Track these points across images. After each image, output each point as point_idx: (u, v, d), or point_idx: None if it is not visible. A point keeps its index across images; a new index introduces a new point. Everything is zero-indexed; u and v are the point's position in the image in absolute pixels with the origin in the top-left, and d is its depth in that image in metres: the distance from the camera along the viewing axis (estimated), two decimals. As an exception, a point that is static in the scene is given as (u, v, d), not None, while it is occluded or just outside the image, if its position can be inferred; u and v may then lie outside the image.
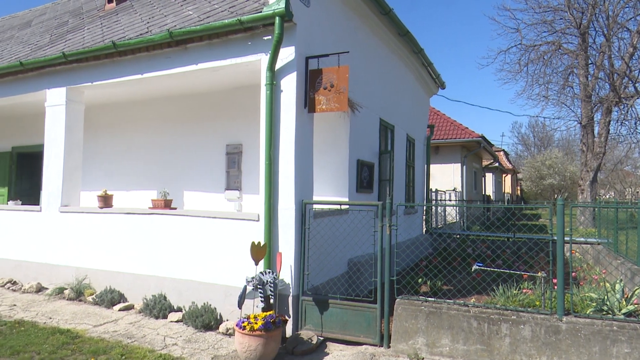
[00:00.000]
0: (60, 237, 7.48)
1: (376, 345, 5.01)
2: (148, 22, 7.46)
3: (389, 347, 4.96)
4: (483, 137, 19.74)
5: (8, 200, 10.49)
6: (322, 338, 5.23)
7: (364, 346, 5.03)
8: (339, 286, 6.00)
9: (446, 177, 19.67)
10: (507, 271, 5.63)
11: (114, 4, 10.05)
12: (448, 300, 4.93)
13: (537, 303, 4.90)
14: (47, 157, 7.77)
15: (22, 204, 8.71)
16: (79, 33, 8.76)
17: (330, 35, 6.60)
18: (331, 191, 7.10)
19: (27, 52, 8.89)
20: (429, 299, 5.00)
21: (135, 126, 9.43)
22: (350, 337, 5.15)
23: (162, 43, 6.37)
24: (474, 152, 20.94)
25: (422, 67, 11.21)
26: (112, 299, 6.52)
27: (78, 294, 6.87)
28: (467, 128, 19.80)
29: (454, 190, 18.63)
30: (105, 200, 7.16)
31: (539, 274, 4.74)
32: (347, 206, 6.46)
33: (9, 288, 7.59)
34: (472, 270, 5.74)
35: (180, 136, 8.88)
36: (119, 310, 6.33)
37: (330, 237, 5.93)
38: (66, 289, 7.03)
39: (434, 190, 15.08)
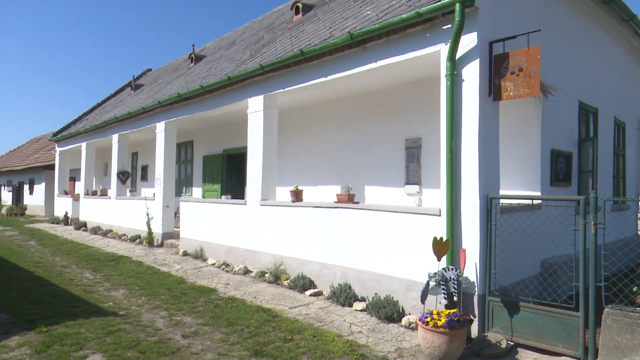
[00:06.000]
0: (260, 227, 8.52)
1: (578, 359, 4.42)
2: (330, 27, 7.94)
3: (595, 362, 4.33)
4: None
5: (221, 195, 12.39)
6: (511, 343, 4.85)
7: (562, 357, 4.50)
8: (531, 288, 5.47)
9: (670, 167, 16.18)
10: None
11: (300, 16, 10.99)
12: (677, 316, 4.06)
13: None
14: (249, 157, 8.92)
15: (231, 198, 10.17)
16: (272, 46, 9.83)
17: (518, 15, 6.04)
18: (520, 185, 6.52)
19: (232, 67, 10.34)
20: (650, 312, 4.19)
21: (319, 126, 10.15)
22: (545, 346, 4.66)
23: (344, 45, 6.70)
24: None
25: (634, 36, 9.45)
26: (303, 284, 7.15)
27: (275, 278, 7.72)
28: (700, 105, 15.94)
29: (681, 182, 15.22)
30: (297, 195, 7.89)
31: None
32: (540, 201, 5.85)
33: (223, 269, 8.98)
34: None
35: (360, 133, 9.24)
36: (310, 295, 6.90)
37: (520, 235, 5.44)
38: (266, 273, 7.98)
39: (652, 182, 12.58)
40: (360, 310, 6.11)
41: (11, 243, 13.06)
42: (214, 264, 9.36)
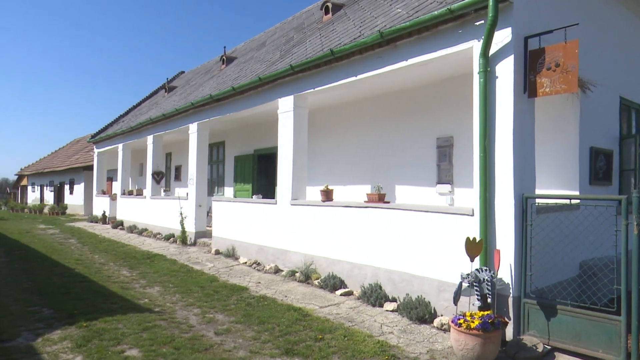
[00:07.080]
0: (291, 226, 8.57)
1: (621, 365, 4.25)
2: (360, 27, 7.90)
3: (638, 369, 4.15)
4: None
5: (252, 195, 12.54)
6: (548, 347, 4.71)
7: (603, 363, 4.33)
8: (569, 291, 5.29)
9: None
10: None
11: (330, 15, 10.98)
12: None
13: None
14: (280, 157, 8.99)
15: (262, 198, 10.27)
16: (302, 46, 9.86)
17: (554, 8, 5.86)
18: (556, 184, 6.32)
19: (263, 68, 10.44)
20: (699, 317, 3.98)
21: (349, 126, 10.13)
22: (584, 351, 4.50)
23: (374, 44, 6.66)
24: None
25: (680, 28, 8.99)
26: (334, 284, 7.15)
27: (306, 277, 7.75)
28: None
29: None
30: (327, 194, 7.90)
31: None
32: (579, 201, 5.65)
33: (254, 268, 9.08)
34: None
35: (390, 132, 9.17)
36: (340, 295, 6.89)
37: (558, 236, 5.28)
38: (297, 272, 8.02)
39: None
40: (391, 311, 6.06)
41: (53, 241, 13.61)
42: (246, 262, 9.47)
